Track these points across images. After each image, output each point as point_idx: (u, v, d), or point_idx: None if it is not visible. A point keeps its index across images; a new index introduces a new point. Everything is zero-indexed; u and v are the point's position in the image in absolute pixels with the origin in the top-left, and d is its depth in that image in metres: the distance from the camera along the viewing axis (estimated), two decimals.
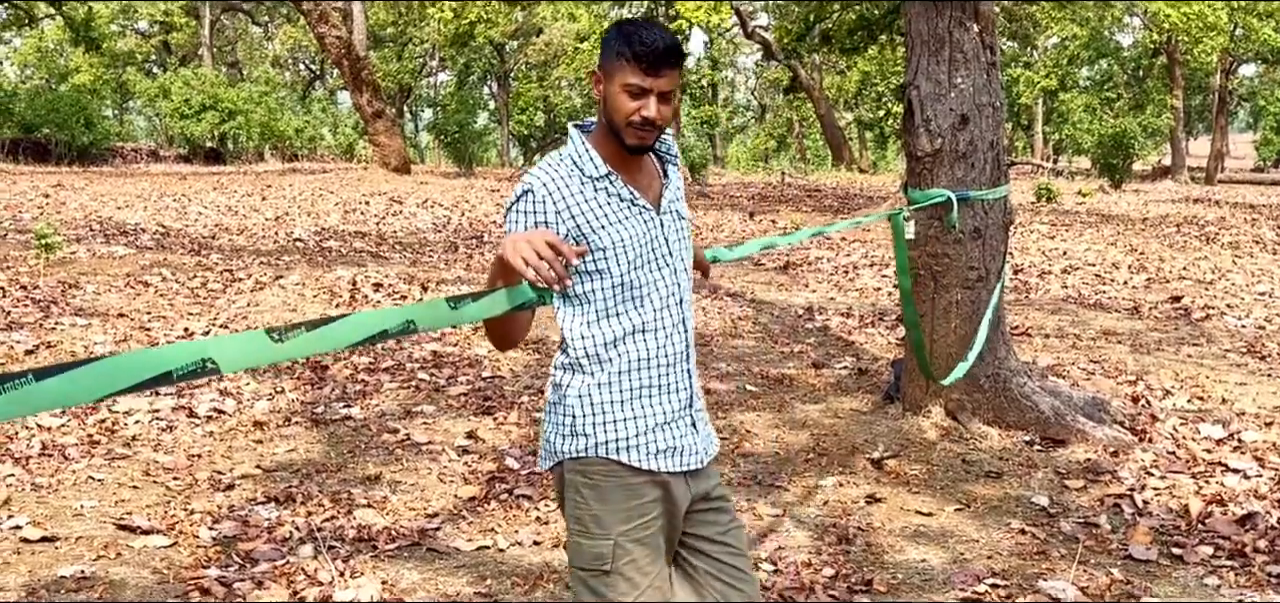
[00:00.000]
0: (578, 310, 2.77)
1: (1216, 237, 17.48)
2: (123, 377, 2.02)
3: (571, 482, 2.79)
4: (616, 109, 2.72)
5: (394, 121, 29.08)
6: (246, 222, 16.09)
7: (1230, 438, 6.48)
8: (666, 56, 2.69)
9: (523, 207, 2.70)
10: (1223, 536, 5.06)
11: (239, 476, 5.68)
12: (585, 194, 2.74)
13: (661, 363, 2.81)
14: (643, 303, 2.78)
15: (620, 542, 2.74)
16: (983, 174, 6.39)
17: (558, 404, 2.81)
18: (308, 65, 58.16)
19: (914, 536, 5.12)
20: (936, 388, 6.62)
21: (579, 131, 2.83)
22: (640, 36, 2.68)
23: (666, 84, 2.71)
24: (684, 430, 2.86)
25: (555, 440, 2.81)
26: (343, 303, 9.97)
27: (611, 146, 2.78)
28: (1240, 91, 58.91)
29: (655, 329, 2.80)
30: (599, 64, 2.78)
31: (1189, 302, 11.17)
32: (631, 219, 2.77)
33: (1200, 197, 27.99)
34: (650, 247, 2.80)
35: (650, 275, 2.79)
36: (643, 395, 2.79)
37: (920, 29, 6.39)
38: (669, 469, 2.81)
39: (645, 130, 2.72)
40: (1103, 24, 45.14)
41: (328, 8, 25.62)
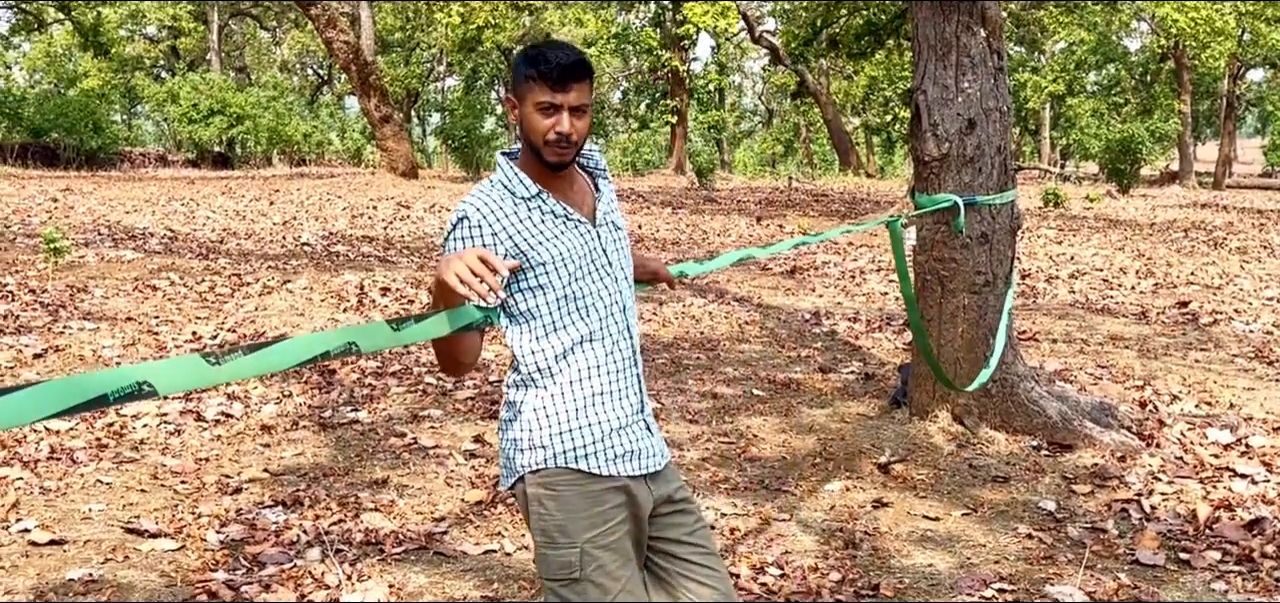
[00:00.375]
0: (525, 327, 2.80)
1: (1224, 242, 17.46)
2: (57, 401, 2.02)
3: (534, 495, 2.80)
4: (532, 129, 2.76)
5: (401, 126, 29.12)
6: (254, 226, 16.12)
7: (1238, 443, 6.47)
8: (572, 71, 2.73)
9: (459, 233, 2.74)
10: (1230, 541, 5.05)
11: (247, 479, 5.70)
12: (519, 214, 2.77)
13: (611, 370, 2.85)
14: (588, 313, 2.81)
15: (587, 549, 2.76)
16: (990, 179, 6.39)
17: (513, 421, 2.84)
18: (315, 70, 58.28)
19: (921, 540, 5.12)
20: (944, 392, 6.62)
21: (506, 158, 2.87)
22: (545, 56, 2.74)
23: (576, 98, 2.74)
24: (639, 434, 2.90)
25: (514, 457, 2.83)
26: (350, 307, 9.98)
27: (536, 167, 2.82)
28: (1248, 96, 58.80)
29: (602, 337, 2.84)
30: (511, 89, 2.83)
31: (1197, 307, 11.15)
32: (568, 233, 2.81)
33: (1208, 202, 27.95)
34: (589, 258, 2.83)
35: (592, 286, 2.83)
36: (596, 403, 2.82)
37: (927, 34, 6.39)
38: (629, 473, 2.84)
39: (562, 147, 2.76)
40: (1110, 29, 45.09)
41: (335, 12, 25.68)
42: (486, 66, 52.27)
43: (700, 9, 31.35)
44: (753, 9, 39.04)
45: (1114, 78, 50.96)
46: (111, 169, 31.56)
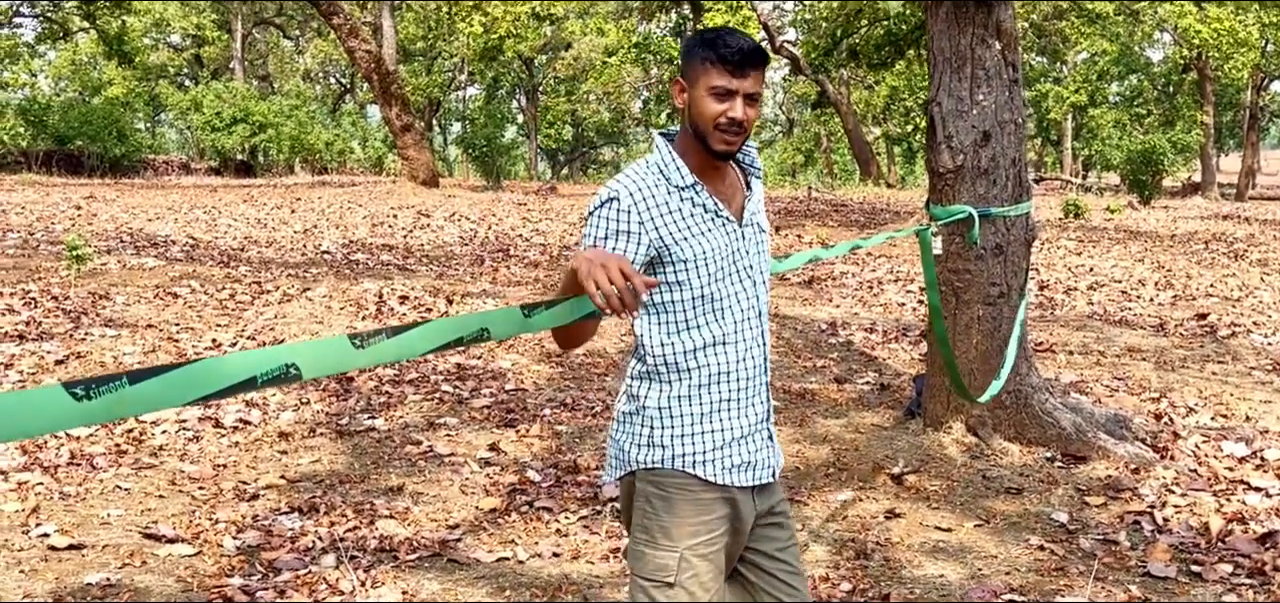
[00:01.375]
0: (657, 319, 2.78)
1: (1245, 253, 17.39)
2: (212, 381, 2.05)
3: (642, 492, 2.79)
4: (702, 113, 2.72)
5: (423, 135, 29.24)
6: (275, 234, 16.22)
7: (1253, 456, 6.46)
8: (752, 57, 2.70)
9: (606, 213, 2.70)
10: (1243, 554, 5.05)
11: (264, 486, 5.75)
12: (670, 204, 2.74)
13: (741, 376, 2.82)
14: (723, 316, 2.78)
15: (686, 556, 2.75)
16: (1004, 191, 6.40)
17: (635, 414, 2.81)
18: (338, 79, 58.52)
19: (932, 551, 5.14)
20: (958, 404, 6.63)
21: (665, 140, 2.82)
22: (725, 40, 2.70)
23: (752, 85, 2.72)
24: (760, 445, 2.88)
25: (630, 450, 2.81)
26: (369, 316, 10.04)
27: (697, 155, 2.78)
28: (1272, 107, 58.52)
29: (735, 342, 2.80)
30: (681, 73, 2.79)
31: (1215, 319, 11.12)
32: (715, 231, 2.77)
33: (1230, 213, 27.82)
34: (732, 259, 2.80)
35: (731, 288, 2.80)
36: (722, 409, 2.80)
37: (943, 46, 6.41)
38: (740, 484, 2.82)
39: (732, 133, 2.72)
40: (1132, 40, 44.92)
41: (358, 22, 25.82)
42: (507, 76, 52.43)
43: (721, 19, 31.36)
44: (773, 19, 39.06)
45: (1136, 89, 50.81)
46: (135, 177, 31.80)
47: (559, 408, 7.36)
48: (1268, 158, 67.57)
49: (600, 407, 7.38)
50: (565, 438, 6.71)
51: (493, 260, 14.40)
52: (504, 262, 14.32)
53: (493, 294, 11.48)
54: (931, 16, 6.50)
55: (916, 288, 12.92)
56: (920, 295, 12.41)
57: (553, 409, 7.33)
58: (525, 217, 20.20)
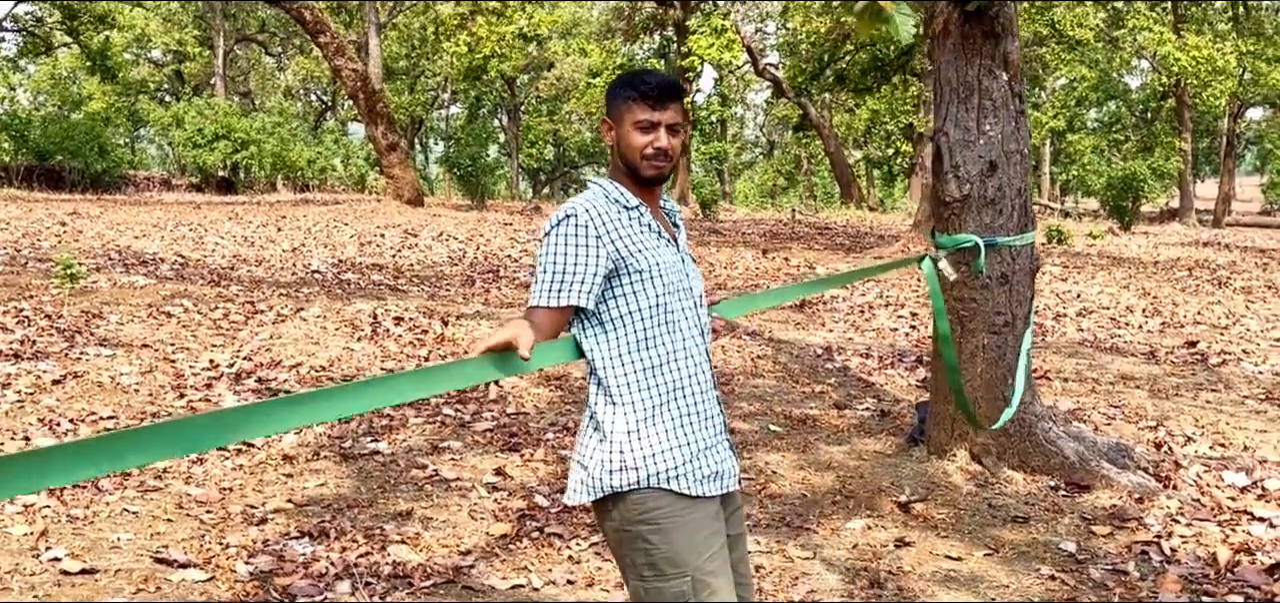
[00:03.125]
0: (614, 337, 2.90)
1: (1228, 281, 17.52)
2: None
3: (633, 531, 2.87)
4: (630, 145, 2.96)
5: (407, 154, 29.21)
6: (264, 253, 16.17)
7: (1254, 486, 6.51)
8: (669, 91, 2.96)
9: (565, 230, 2.87)
10: (1252, 585, 5.09)
11: (271, 509, 5.73)
12: (622, 221, 2.93)
13: (695, 390, 2.96)
14: (674, 330, 2.93)
15: (697, 575, 2.84)
16: (1010, 220, 6.44)
17: (602, 441, 2.91)
18: (319, 96, 58.43)
19: (945, 580, 5.16)
20: (962, 431, 6.66)
21: (598, 178, 3.05)
22: (644, 78, 2.96)
23: (672, 116, 2.96)
24: (723, 455, 3.03)
25: (599, 476, 2.90)
26: (365, 337, 10.02)
27: (631, 185, 3.01)
28: (1247, 135, 59.03)
29: (686, 357, 2.95)
30: (607, 113, 3.03)
31: (1205, 347, 11.20)
32: (662, 247, 2.98)
33: (1209, 240, 28.04)
34: (678, 276, 2.98)
35: (680, 302, 2.97)
36: (685, 423, 2.92)
37: (950, 76, 6.46)
38: (711, 494, 2.95)
39: (659, 160, 2.96)
40: (1111, 66, 45.29)
41: (344, 41, 25.79)
42: (490, 95, 52.45)
43: (705, 42, 31.50)
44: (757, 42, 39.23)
45: (1115, 115, 51.23)
46: (116, 192, 31.65)
47: (561, 432, 7.36)
48: (1242, 185, 68.08)
49: None
50: (570, 462, 6.70)
51: (483, 281, 14.40)
52: (495, 283, 14.32)
53: (486, 315, 11.48)
54: (939, 47, 6.55)
55: (908, 313, 12.97)
56: (912, 321, 12.46)
57: (555, 433, 7.33)
58: (512, 237, 20.20)
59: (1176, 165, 39.89)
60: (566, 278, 2.84)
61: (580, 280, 2.84)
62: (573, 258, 2.84)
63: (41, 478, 1.89)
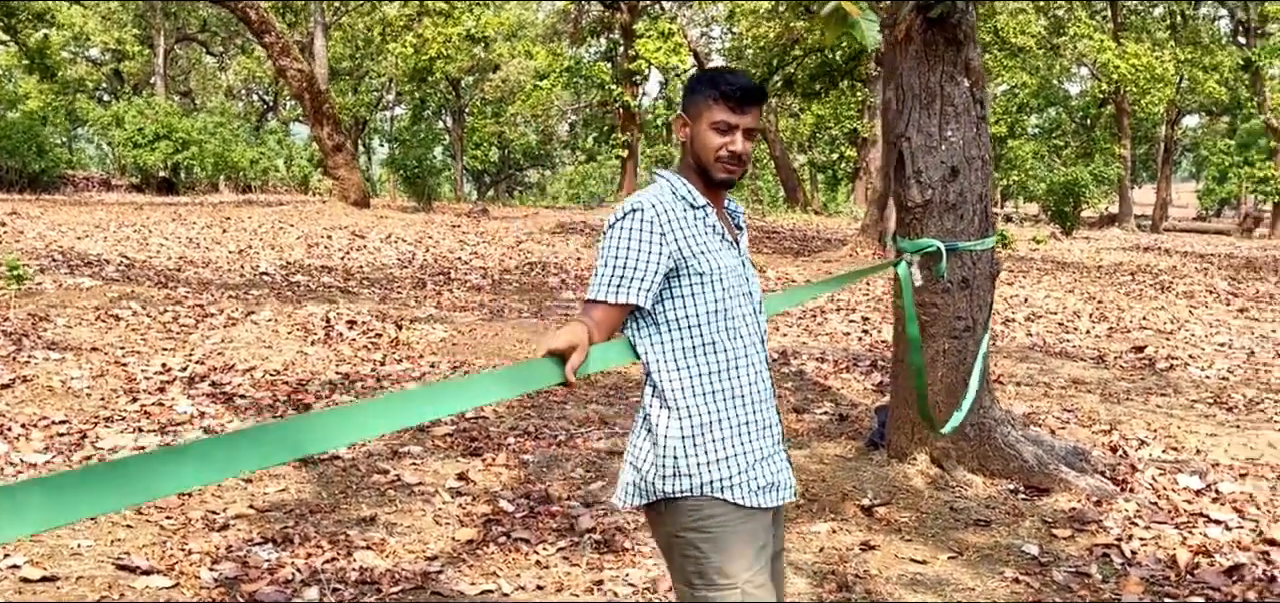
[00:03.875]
0: (673, 339, 2.83)
1: (1171, 286, 17.79)
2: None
3: (685, 538, 2.82)
4: (705, 146, 2.87)
5: (353, 155, 29.00)
6: (210, 255, 15.99)
7: (1208, 488, 6.61)
8: (752, 94, 2.87)
9: (630, 224, 2.79)
10: (1212, 587, 5.16)
11: (233, 515, 5.65)
12: (687, 220, 2.85)
13: (755, 397, 2.89)
14: (735, 335, 2.86)
15: (746, 589, 2.80)
16: (971, 226, 6.50)
17: (655, 444, 2.85)
18: (261, 97, 57.86)
19: (911, 583, 5.19)
20: (922, 435, 6.71)
21: (666, 173, 2.95)
22: (727, 78, 2.86)
23: (751, 121, 2.88)
24: (780, 466, 2.96)
25: (654, 480, 2.85)
26: (318, 340, 9.93)
27: (699, 185, 2.92)
28: (1184, 142, 59.99)
29: (746, 364, 2.88)
30: (683, 109, 2.94)
31: (1152, 351, 11.36)
32: (725, 251, 2.90)
33: (1149, 245, 28.45)
34: (739, 280, 2.92)
35: (741, 308, 2.90)
36: (743, 431, 2.86)
37: (912, 83, 6.50)
38: (766, 505, 2.89)
39: (733, 164, 2.88)
40: (1052, 73, 45.85)
41: (289, 41, 25.56)
42: (434, 96, 52.18)
43: (652, 45, 31.57)
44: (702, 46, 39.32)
45: (1055, 121, 51.85)
46: (55, 193, 31.18)
47: (523, 436, 7.33)
48: (1178, 191, 69.20)
49: (563, 435, 7.36)
50: (532, 467, 6.68)
51: (434, 284, 14.31)
52: (446, 285, 14.24)
53: (440, 318, 11.41)
54: (901, 54, 6.59)
55: (859, 317, 13.06)
56: (864, 325, 12.54)
57: (517, 437, 7.30)
58: (461, 240, 20.11)
59: (1117, 171, 40.46)
60: (627, 274, 2.77)
61: (641, 277, 2.77)
62: (635, 254, 2.77)
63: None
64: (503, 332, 10.98)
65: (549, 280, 15.39)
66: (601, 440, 7.29)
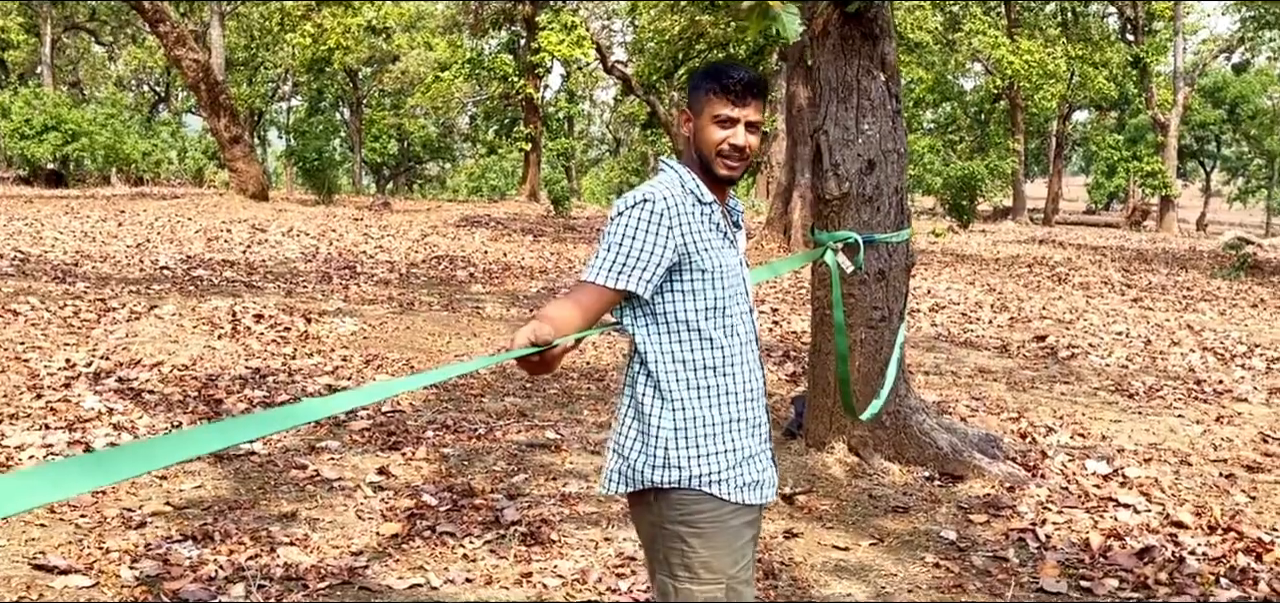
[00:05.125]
0: (672, 331, 2.84)
1: (1067, 277, 18.21)
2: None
3: (672, 530, 2.84)
4: (707, 141, 2.87)
5: (251, 147, 28.52)
6: (107, 248, 15.62)
7: (1116, 474, 6.78)
8: (753, 87, 2.87)
9: (640, 213, 2.78)
10: (1125, 569, 5.30)
11: (149, 513, 5.54)
12: (695, 215, 2.85)
13: (746, 396, 2.91)
14: (732, 334, 2.88)
15: (731, 584, 2.83)
16: (887, 218, 6.59)
17: (647, 432, 2.86)
18: (152, 87, 56.62)
19: (835, 570, 5.25)
20: (840, 424, 6.79)
21: (676, 163, 2.95)
22: (728, 72, 2.86)
23: (753, 114, 2.88)
24: (765, 464, 2.97)
25: (643, 469, 2.85)
26: (225, 334, 9.76)
27: (704, 180, 2.92)
28: (1074, 136, 61.37)
29: (740, 363, 2.90)
30: (687, 104, 2.94)
31: (1054, 341, 11.62)
32: (727, 250, 2.91)
33: (1043, 237, 29.08)
34: (737, 280, 2.92)
35: (739, 307, 2.91)
36: (733, 428, 2.87)
37: (829, 76, 6.58)
38: (751, 502, 2.90)
39: (734, 158, 2.88)
40: (947, 69, 46.62)
41: (185, 31, 25.05)
42: (332, 87, 51.50)
43: (555, 38, 31.48)
44: (604, 39, 39.29)
45: (950, 116, 52.66)
46: None
47: (442, 430, 7.28)
48: (1068, 184, 70.80)
49: (483, 429, 7.33)
50: (453, 461, 6.64)
51: (340, 278, 14.14)
52: (353, 279, 14.08)
53: (349, 312, 11.29)
54: (819, 48, 6.66)
55: (768, 309, 13.17)
56: (773, 317, 12.65)
57: (435, 431, 7.25)
58: (365, 233, 19.89)
59: (1012, 165, 41.26)
60: (630, 262, 2.76)
61: (644, 267, 2.76)
62: (642, 243, 2.76)
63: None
64: (414, 325, 10.90)
65: (457, 273, 15.29)
66: (521, 434, 7.27)
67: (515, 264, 17.01)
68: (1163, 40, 43.66)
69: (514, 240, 20.82)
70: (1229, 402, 9.00)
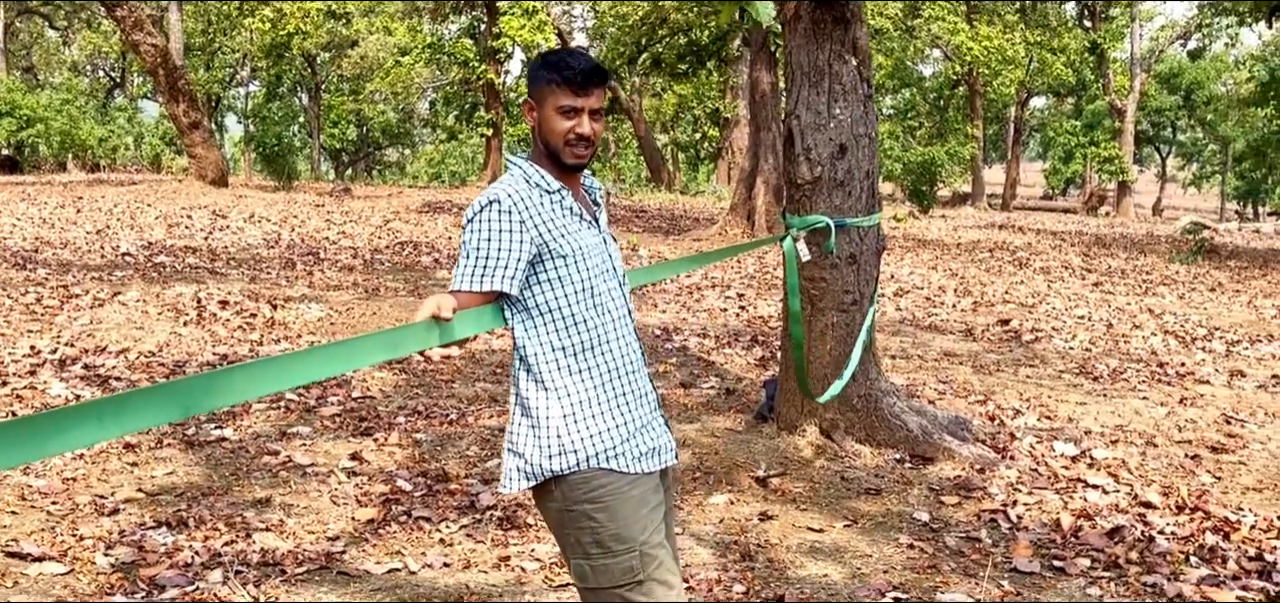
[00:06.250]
0: (544, 322, 2.89)
1: (1028, 262, 18.37)
2: None
3: (577, 511, 2.87)
4: (553, 131, 2.91)
5: (211, 133, 28.27)
6: (67, 235, 15.46)
7: (1083, 456, 6.86)
8: (593, 76, 2.91)
9: (489, 215, 2.83)
10: (1096, 548, 5.37)
11: (122, 499, 5.51)
12: (544, 206, 2.90)
13: (627, 370, 2.96)
14: (603, 311, 2.93)
15: (644, 549, 2.87)
16: (859, 202, 6.63)
17: (535, 425, 2.90)
18: (108, 72, 56.00)
19: (810, 551, 5.29)
20: (811, 407, 6.83)
21: (521, 159, 2.99)
22: (567, 62, 2.90)
23: (595, 102, 2.92)
24: (659, 430, 3.04)
25: (538, 460, 2.88)
26: (190, 321, 9.69)
27: (553, 169, 2.96)
28: (1032, 122, 61.83)
29: (615, 339, 2.95)
30: (529, 93, 2.98)
31: (1017, 325, 11.73)
32: (585, 231, 2.96)
33: (1003, 223, 29.30)
34: (601, 257, 2.97)
35: (606, 284, 2.96)
36: (620, 404, 2.93)
37: (801, 61, 6.60)
38: (649, 470, 2.96)
39: (581, 146, 2.93)
40: (907, 55, 46.85)
41: (143, 15, 24.79)
42: (290, 72, 51.10)
43: (516, 23, 31.38)
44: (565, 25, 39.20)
45: (909, 102, 52.95)
46: None
47: (413, 416, 7.26)
48: (1025, 170, 71.33)
49: (455, 414, 7.32)
50: (427, 446, 6.63)
51: (304, 264, 14.06)
52: (317, 265, 14.00)
53: (314, 298, 11.23)
54: (790, 32, 6.68)
55: (735, 294, 13.22)
56: (740, 302, 12.69)
57: (407, 417, 7.23)
58: (327, 219, 19.78)
59: (971, 151, 41.53)
60: (489, 263, 2.82)
61: (504, 266, 2.82)
62: (496, 244, 2.82)
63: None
64: (381, 311, 10.86)
65: (422, 259, 15.24)
66: (493, 419, 7.27)
67: None
68: (1120, 26, 44.07)
69: None
70: (1191, 384, 9.11)
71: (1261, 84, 26.04)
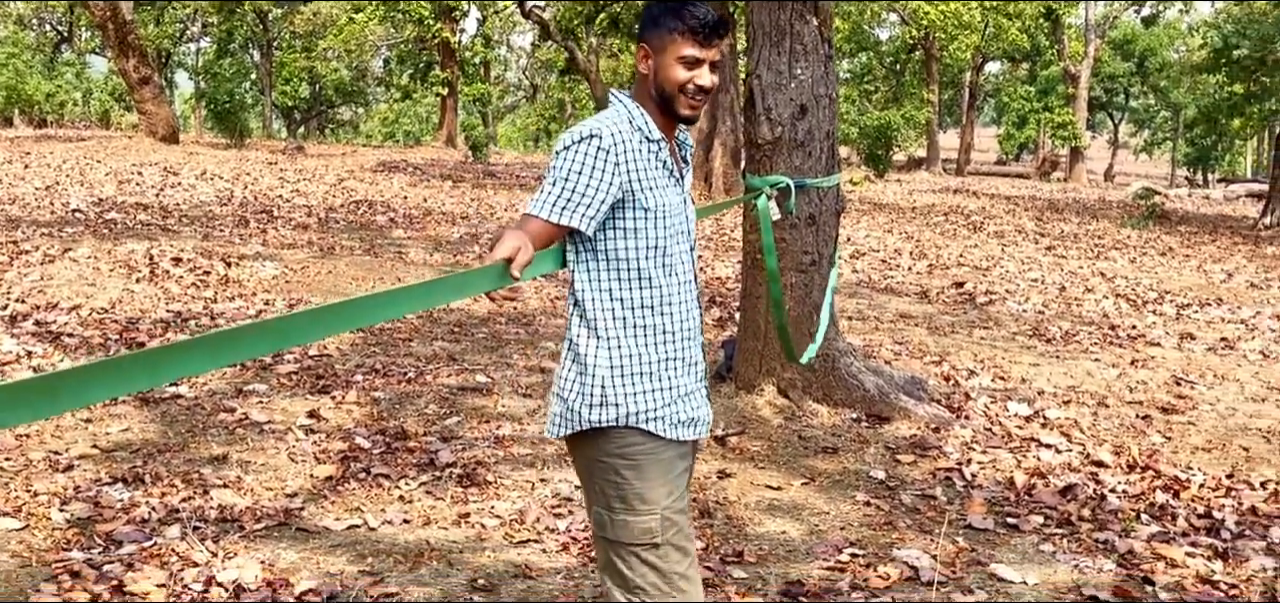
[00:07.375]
0: (610, 269, 2.83)
1: (982, 226, 18.50)
2: None
3: (607, 463, 2.85)
4: (670, 79, 2.82)
5: (161, 89, 27.92)
6: (15, 191, 15.24)
7: (1036, 416, 6.94)
8: (718, 28, 2.83)
9: (587, 149, 2.74)
10: (1049, 506, 5.44)
11: (76, 456, 5.46)
12: (641, 152, 2.82)
13: (683, 336, 2.91)
14: (671, 274, 2.87)
15: (666, 514, 2.84)
16: (819, 163, 6.64)
17: (583, 373, 2.85)
18: (54, 26, 55.05)
19: (769, 509, 5.33)
20: (769, 367, 6.86)
21: (624, 97, 2.90)
22: (695, 12, 2.81)
23: (716, 54, 2.85)
24: (700, 402, 2.99)
25: (580, 409, 2.85)
26: (143, 278, 9.59)
27: (658, 117, 2.89)
28: (986, 87, 62.11)
29: (679, 302, 2.89)
30: (644, 39, 2.88)
31: (972, 288, 11.82)
32: (671, 189, 2.89)
33: (958, 187, 29.49)
34: (681, 219, 2.90)
35: (679, 246, 2.90)
36: (669, 367, 2.88)
37: (763, 21, 6.60)
38: (685, 439, 2.92)
39: (699, 98, 2.85)
40: (863, 19, 46.92)
41: None
42: (242, 28, 50.44)
43: None
44: None
45: (866, 66, 53.02)
46: None
47: (371, 374, 7.23)
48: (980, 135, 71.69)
49: (413, 372, 7.30)
50: (384, 404, 6.61)
51: (258, 222, 13.93)
52: (270, 223, 13.88)
53: (268, 256, 11.14)
54: None
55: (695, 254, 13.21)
56: (698, 262, 12.69)
57: (364, 375, 7.20)
58: (281, 177, 19.61)
59: (926, 115, 41.70)
60: (574, 198, 2.72)
61: (588, 204, 2.73)
62: (587, 180, 2.72)
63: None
64: (337, 269, 10.79)
65: (377, 219, 15.14)
66: (451, 377, 7.26)
67: (436, 210, 16.87)
68: None
69: (433, 186, 20.65)
70: (1142, 346, 9.23)
71: (1213, 51, 26.26)
